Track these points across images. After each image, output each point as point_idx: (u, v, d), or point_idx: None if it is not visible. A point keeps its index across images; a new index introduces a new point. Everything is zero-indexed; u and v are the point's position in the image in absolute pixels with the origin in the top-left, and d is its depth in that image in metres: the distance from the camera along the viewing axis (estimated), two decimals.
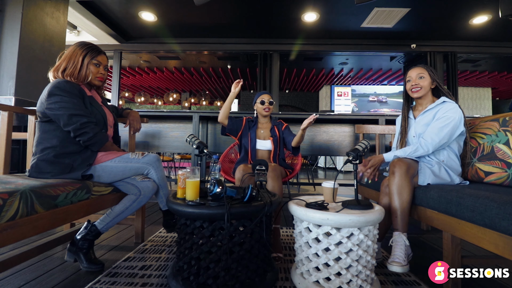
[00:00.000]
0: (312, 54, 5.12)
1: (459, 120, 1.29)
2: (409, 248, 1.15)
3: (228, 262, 0.95)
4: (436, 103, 1.37)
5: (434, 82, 1.41)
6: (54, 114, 1.15)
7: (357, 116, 2.83)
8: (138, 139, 2.81)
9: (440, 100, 1.37)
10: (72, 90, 1.20)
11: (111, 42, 4.41)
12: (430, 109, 1.38)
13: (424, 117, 1.40)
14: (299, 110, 8.96)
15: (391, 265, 1.07)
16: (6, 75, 2.40)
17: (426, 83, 1.39)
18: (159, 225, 1.96)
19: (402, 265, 1.06)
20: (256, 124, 1.82)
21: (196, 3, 2.50)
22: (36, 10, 2.57)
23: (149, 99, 8.68)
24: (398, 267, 1.06)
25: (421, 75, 1.40)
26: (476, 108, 7.65)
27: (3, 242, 0.78)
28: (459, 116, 1.29)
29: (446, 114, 1.29)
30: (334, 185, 1.16)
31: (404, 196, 1.19)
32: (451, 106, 1.31)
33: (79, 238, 1.22)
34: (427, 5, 3.39)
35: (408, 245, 1.14)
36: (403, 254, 1.10)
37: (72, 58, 1.25)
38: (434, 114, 1.35)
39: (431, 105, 1.39)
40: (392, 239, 1.18)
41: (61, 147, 1.18)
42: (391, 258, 1.10)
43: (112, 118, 1.43)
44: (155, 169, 1.35)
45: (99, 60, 1.30)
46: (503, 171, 1.23)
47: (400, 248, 1.12)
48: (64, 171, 1.16)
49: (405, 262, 1.08)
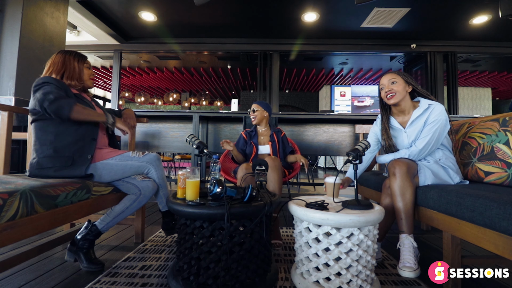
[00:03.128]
0: (312, 54, 5.12)
1: (446, 119, 1.29)
2: (417, 250, 1.15)
3: (228, 262, 0.95)
4: (422, 108, 1.33)
5: (410, 86, 1.37)
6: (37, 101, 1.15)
7: (357, 116, 2.83)
8: (138, 139, 2.81)
9: (424, 104, 1.33)
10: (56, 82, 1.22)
11: (111, 42, 4.41)
12: (419, 116, 1.34)
13: (415, 125, 1.35)
14: (299, 110, 8.96)
15: (403, 270, 1.06)
16: (6, 75, 2.40)
17: (400, 87, 1.35)
18: (159, 225, 1.96)
19: (414, 269, 1.05)
20: (256, 134, 1.90)
21: (196, 3, 2.50)
22: (36, 10, 2.57)
23: (149, 99, 8.67)
24: (410, 272, 1.05)
25: (393, 80, 1.36)
26: (476, 108, 7.65)
27: (3, 242, 0.78)
28: (445, 116, 1.29)
29: (436, 118, 1.28)
30: (336, 180, 1.19)
31: (407, 196, 1.18)
32: (438, 109, 1.29)
33: (80, 238, 1.22)
34: (427, 5, 3.39)
35: (416, 246, 1.14)
36: (413, 257, 1.09)
37: (67, 63, 1.30)
38: (425, 121, 1.32)
39: (416, 111, 1.34)
40: (399, 242, 1.17)
41: (58, 140, 1.18)
42: (401, 263, 1.09)
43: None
44: (155, 168, 1.35)
45: (88, 63, 1.40)
46: (503, 171, 1.23)
47: (408, 251, 1.11)
48: (66, 164, 1.16)
49: (416, 266, 1.07)
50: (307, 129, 2.89)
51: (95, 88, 8.06)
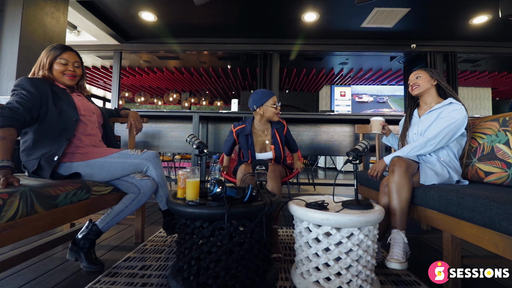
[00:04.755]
0: (312, 54, 5.11)
1: (462, 121, 1.30)
2: (407, 246, 1.15)
3: (228, 262, 0.95)
4: (442, 103, 1.39)
5: (434, 80, 1.44)
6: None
7: (357, 116, 2.83)
8: (138, 139, 2.81)
9: (447, 101, 1.38)
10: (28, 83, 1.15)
11: (111, 42, 4.40)
12: (436, 109, 1.40)
13: (429, 116, 1.42)
14: (299, 110, 8.96)
15: (390, 262, 1.07)
16: (6, 75, 2.39)
17: (423, 81, 1.45)
18: (159, 225, 1.96)
19: (401, 262, 1.06)
20: (251, 133, 1.63)
21: (196, 3, 2.50)
22: (36, 10, 2.57)
23: (149, 99, 8.67)
24: (396, 263, 1.06)
25: (418, 75, 1.48)
26: (476, 108, 7.65)
27: (3, 242, 0.78)
28: (462, 117, 1.30)
29: (450, 114, 1.31)
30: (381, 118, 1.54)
31: (403, 194, 1.19)
32: (456, 107, 1.33)
33: (81, 238, 1.22)
34: (427, 5, 3.38)
35: (406, 242, 1.14)
36: (402, 252, 1.10)
37: (42, 58, 1.27)
38: (439, 114, 1.36)
39: (437, 105, 1.40)
40: (390, 236, 1.18)
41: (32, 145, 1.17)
42: (390, 255, 1.10)
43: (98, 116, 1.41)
44: (154, 166, 1.34)
45: (65, 58, 1.27)
46: (503, 171, 1.23)
47: (398, 246, 1.11)
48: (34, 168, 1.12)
49: (404, 259, 1.07)
50: (307, 129, 2.89)
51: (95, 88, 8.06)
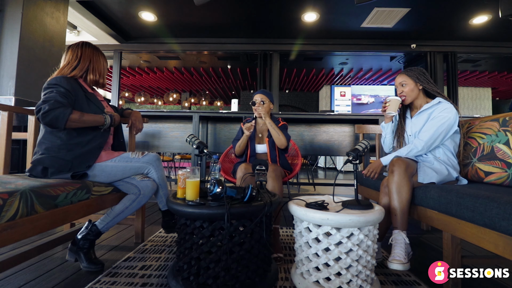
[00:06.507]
0: (312, 54, 5.12)
1: (454, 119, 1.31)
2: (409, 246, 1.15)
3: (228, 262, 0.95)
4: (431, 103, 1.40)
5: (419, 85, 1.43)
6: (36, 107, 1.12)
7: (357, 116, 2.83)
8: (138, 139, 2.81)
9: (436, 100, 1.39)
10: (66, 85, 1.18)
11: (111, 42, 4.40)
12: (426, 109, 1.41)
13: (420, 117, 1.43)
14: (299, 110, 8.96)
15: (392, 263, 1.07)
16: (6, 75, 2.40)
17: (408, 89, 1.44)
18: (159, 225, 1.96)
19: (403, 262, 1.06)
20: (254, 128, 1.73)
21: (196, 3, 2.50)
22: (36, 10, 2.57)
23: (149, 99, 8.68)
24: (398, 264, 1.05)
25: (403, 83, 1.46)
26: (476, 108, 7.65)
27: (3, 242, 0.78)
28: (453, 115, 1.31)
29: (441, 114, 1.32)
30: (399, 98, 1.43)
31: (403, 194, 1.19)
32: (446, 106, 1.34)
33: (80, 238, 1.22)
34: (427, 5, 3.39)
35: (408, 243, 1.14)
36: (404, 252, 1.09)
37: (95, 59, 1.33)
38: (430, 114, 1.38)
39: (426, 105, 1.41)
40: (391, 237, 1.17)
41: (64, 147, 1.18)
42: (391, 256, 1.10)
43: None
44: (155, 168, 1.35)
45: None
46: (503, 171, 1.23)
47: (400, 246, 1.11)
48: (65, 169, 1.15)
49: (406, 260, 1.07)
50: (307, 129, 2.89)
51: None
